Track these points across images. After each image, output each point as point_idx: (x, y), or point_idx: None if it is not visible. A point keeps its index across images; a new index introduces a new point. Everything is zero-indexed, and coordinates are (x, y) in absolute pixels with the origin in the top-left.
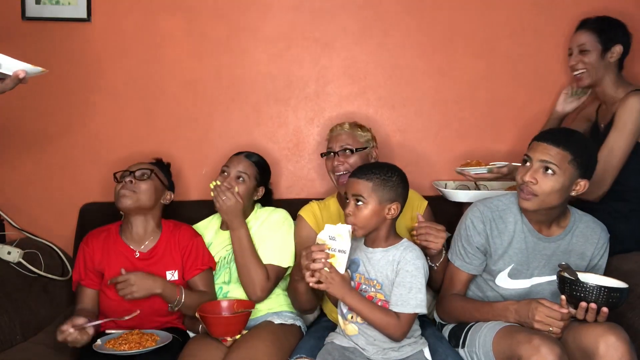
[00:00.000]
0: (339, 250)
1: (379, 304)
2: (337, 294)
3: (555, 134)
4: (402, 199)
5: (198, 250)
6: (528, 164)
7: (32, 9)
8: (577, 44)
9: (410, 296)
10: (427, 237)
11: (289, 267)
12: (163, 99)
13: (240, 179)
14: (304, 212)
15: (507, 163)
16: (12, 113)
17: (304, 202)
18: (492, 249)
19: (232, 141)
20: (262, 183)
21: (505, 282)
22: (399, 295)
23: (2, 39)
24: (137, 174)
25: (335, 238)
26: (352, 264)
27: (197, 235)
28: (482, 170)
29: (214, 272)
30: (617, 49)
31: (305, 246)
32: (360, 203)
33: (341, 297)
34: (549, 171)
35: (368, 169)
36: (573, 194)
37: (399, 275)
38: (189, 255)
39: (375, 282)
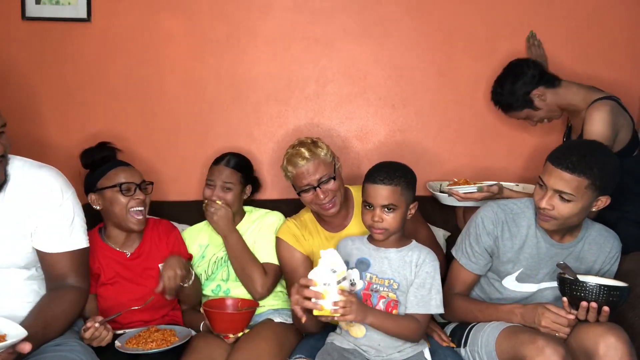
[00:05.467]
0: (342, 278)
1: (391, 304)
2: (359, 316)
3: (570, 157)
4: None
5: (179, 241)
6: (543, 188)
7: (32, 9)
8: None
9: (431, 297)
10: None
11: None
12: (163, 99)
13: (227, 188)
14: (281, 234)
15: (495, 182)
16: (12, 113)
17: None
18: (501, 251)
19: (232, 141)
20: (248, 181)
21: (512, 284)
22: (421, 297)
23: (2, 39)
24: (143, 186)
25: (334, 267)
26: (360, 264)
27: (175, 228)
28: (471, 189)
29: (212, 271)
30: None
31: (289, 266)
32: (390, 210)
33: (362, 319)
34: (565, 197)
35: (391, 172)
36: (594, 209)
37: (419, 277)
38: (174, 246)
39: (391, 281)
